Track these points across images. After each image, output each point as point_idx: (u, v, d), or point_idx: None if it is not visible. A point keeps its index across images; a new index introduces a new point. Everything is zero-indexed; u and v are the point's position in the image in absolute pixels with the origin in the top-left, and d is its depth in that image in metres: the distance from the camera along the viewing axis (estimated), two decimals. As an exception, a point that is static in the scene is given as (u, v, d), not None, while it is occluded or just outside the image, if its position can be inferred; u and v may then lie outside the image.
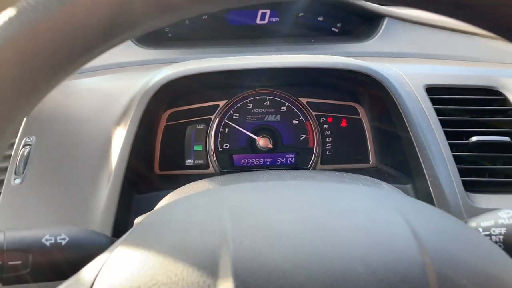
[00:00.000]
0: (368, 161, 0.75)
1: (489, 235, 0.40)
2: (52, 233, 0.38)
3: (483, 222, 0.42)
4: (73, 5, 0.23)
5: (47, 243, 0.37)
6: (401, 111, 0.61)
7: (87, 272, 0.30)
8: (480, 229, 0.41)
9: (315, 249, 0.27)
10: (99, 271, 0.29)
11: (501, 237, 0.40)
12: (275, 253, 0.26)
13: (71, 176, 0.58)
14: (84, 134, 0.62)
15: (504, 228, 0.40)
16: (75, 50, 0.24)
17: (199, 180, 0.56)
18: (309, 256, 0.26)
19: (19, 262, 0.36)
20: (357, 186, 0.37)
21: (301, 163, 0.75)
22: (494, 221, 0.41)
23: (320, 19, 0.99)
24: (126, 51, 0.85)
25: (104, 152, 0.60)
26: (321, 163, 0.76)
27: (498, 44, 0.86)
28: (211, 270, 0.26)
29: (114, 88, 0.68)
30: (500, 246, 0.40)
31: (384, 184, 0.54)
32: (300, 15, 0.99)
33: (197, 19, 0.95)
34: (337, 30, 0.99)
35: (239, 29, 0.97)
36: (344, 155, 0.76)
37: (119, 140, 0.60)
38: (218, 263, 0.26)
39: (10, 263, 0.36)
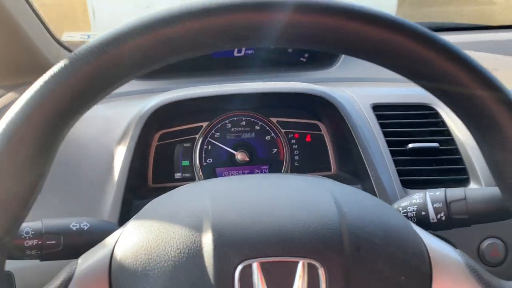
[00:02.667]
0: (330, 169, 0.88)
1: (406, 212, 0.54)
2: (77, 221, 0.50)
3: (402, 203, 0.55)
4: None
5: (74, 228, 0.50)
6: (349, 126, 0.76)
7: (109, 238, 0.42)
8: (400, 208, 0.55)
9: (266, 213, 0.40)
10: (118, 237, 0.42)
11: (414, 213, 0.53)
12: (241, 216, 0.39)
13: (81, 186, 0.71)
14: (90, 151, 0.74)
15: (416, 206, 0.53)
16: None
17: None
18: (262, 217, 0.39)
19: (54, 242, 0.48)
20: (303, 176, 0.50)
21: (273, 173, 0.89)
22: (409, 202, 0.54)
23: (290, 50, 1.14)
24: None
25: (107, 166, 0.73)
26: (291, 172, 0.89)
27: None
28: (197, 228, 0.39)
29: (113, 113, 0.81)
30: (414, 219, 0.53)
31: (336, 182, 0.67)
32: (272, 47, 1.14)
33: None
34: (304, 60, 1.14)
35: (219, 61, 1.12)
36: (310, 165, 0.89)
37: (120, 156, 0.73)
38: (202, 223, 0.39)
39: (47, 242, 0.48)
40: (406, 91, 0.86)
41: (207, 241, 0.37)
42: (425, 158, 0.75)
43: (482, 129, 0.37)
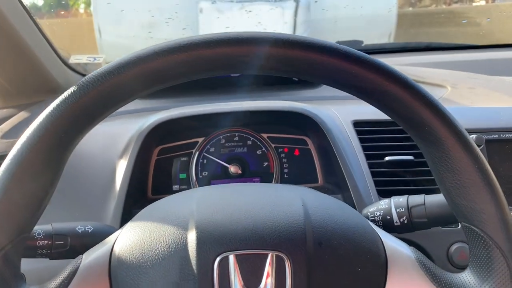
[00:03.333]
0: (317, 181, 0.95)
1: (374, 216, 0.60)
2: (82, 225, 0.57)
3: (370, 208, 0.62)
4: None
5: (79, 230, 0.57)
6: (331, 141, 0.83)
7: (110, 237, 0.49)
8: (369, 213, 0.61)
9: (242, 214, 0.46)
10: (117, 236, 0.49)
11: (380, 217, 0.60)
12: (221, 217, 0.46)
13: (85, 196, 0.78)
14: (95, 165, 0.82)
15: (382, 211, 0.60)
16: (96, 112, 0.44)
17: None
18: (239, 217, 0.46)
19: (62, 242, 0.55)
20: (280, 185, 0.57)
21: (264, 185, 0.95)
22: (376, 207, 0.61)
23: (283, 70, 1.22)
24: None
25: (110, 178, 0.80)
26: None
27: (423, 86, 1.09)
28: (183, 227, 0.46)
29: (116, 130, 0.89)
30: (380, 223, 0.60)
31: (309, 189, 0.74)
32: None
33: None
34: (297, 80, 1.22)
35: (216, 80, 1.20)
36: (298, 177, 0.95)
37: (122, 169, 0.80)
38: (188, 223, 0.46)
39: (56, 242, 0.55)
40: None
41: (191, 237, 0.44)
42: (401, 169, 0.82)
43: (432, 152, 0.44)
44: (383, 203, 0.60)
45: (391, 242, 0.49)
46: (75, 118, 0.43)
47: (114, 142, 0.85)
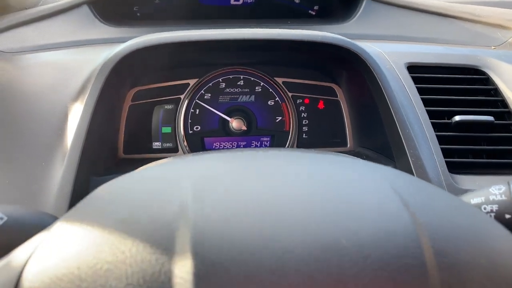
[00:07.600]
0: (346, 145, 0.71)
1: None
2: None
3: (473, 199, 0.38)
4: None
5: None
6: (382, 88, 0.58)
7: (20, 252, 0.25)
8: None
9: (292, 219, 0.23)
10: (34, 250, 0.24)
11: (492, 214, 0.37)
12: (244, 225, 0.22)
13: (22, 155, 0.52)
14: (38, 110, 0.55)
15: (496, 205, 0.36)
16: None
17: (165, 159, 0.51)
18: (285, 227, 0.22)
19: None
20: (340, 156, 0.33)
21: (276, 147, 0.71)
22: (485, 198, 0.37)
23: (297, 1, 0.95)
24: (90, 28, 0.79)
25: (59, 129, 0.54)
26: (297, 146, 0.72)
27: (481, 28, 0.83)
28: (166, 245, 0.21)
29: (73, 61, 0.62)
30: None
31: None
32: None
33: (167, -1, 0.90)
34: (314, 13, 0.95)
35: (211, 9, 0.92)
36: (322, 138, 0.72)
37: (76, 116, 0.55)
38: (175, 237, 0.22)
39: None
40: (447, 50, 0.68)
41: (182, 274, 0.20)
42: (475, 134, 0.58)
43: None
44: (497, 192, 0.37)
45: None
46: None
47: (69, 77, 0.59)
